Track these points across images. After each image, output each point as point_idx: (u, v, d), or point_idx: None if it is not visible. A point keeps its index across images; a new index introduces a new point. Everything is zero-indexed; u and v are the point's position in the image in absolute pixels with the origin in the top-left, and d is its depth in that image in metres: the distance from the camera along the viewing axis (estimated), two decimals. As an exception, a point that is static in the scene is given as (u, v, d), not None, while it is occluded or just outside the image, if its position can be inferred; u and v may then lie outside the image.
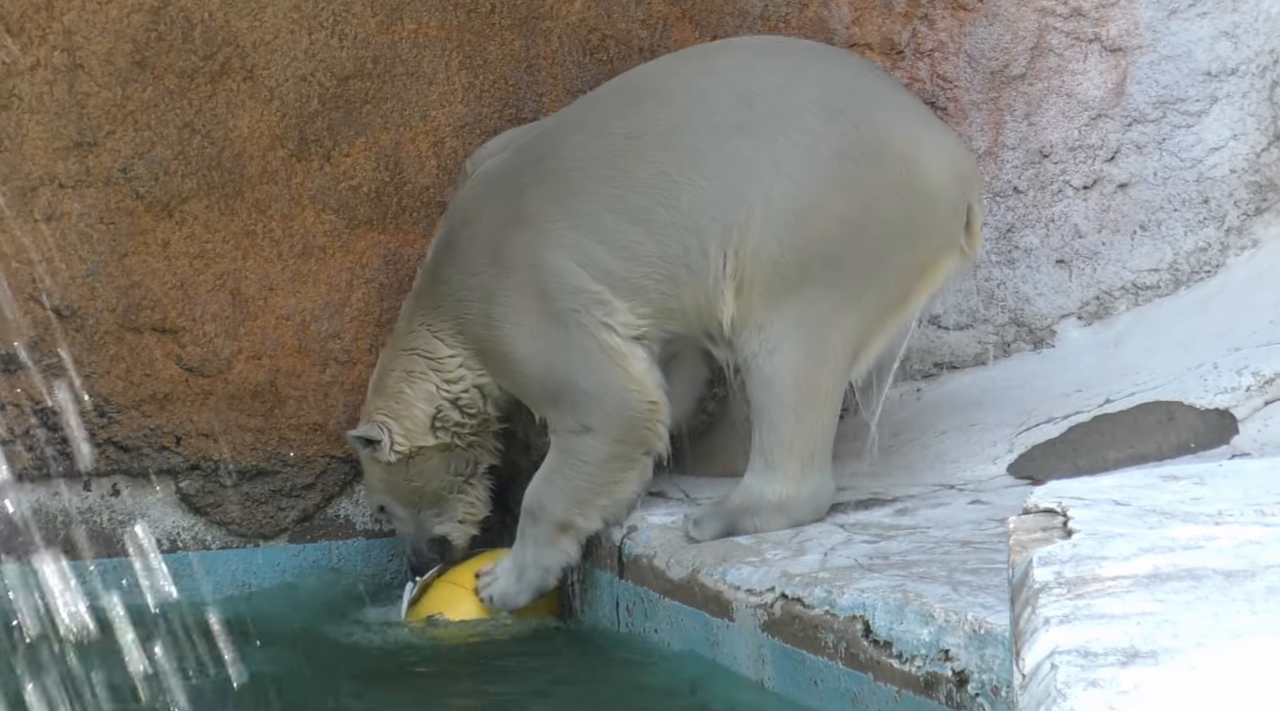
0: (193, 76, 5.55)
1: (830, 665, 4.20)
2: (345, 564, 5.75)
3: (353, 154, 5.70)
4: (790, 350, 4.94)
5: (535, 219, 5.11)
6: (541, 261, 5.09)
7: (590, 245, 5.06)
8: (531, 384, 5.17)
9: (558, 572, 5.24)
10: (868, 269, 4.97)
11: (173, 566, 5.58)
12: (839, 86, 5.04)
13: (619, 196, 5.05)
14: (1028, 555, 2.68)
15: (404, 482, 5.35)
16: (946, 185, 5.03)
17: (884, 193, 4.97)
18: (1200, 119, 5.97)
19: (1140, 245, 6.00)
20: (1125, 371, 5.69)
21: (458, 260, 5.21)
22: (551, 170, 5.14)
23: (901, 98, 5.21)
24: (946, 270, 5.09)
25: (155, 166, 5.53)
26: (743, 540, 4.91)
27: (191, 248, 5.59)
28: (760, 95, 5.01)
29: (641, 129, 5.08)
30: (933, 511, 5.05)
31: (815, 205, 4.93)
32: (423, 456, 5.32)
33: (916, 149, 5.01)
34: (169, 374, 5.60)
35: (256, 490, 5.69)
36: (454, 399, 5.29)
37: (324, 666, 5.15)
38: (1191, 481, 3.10)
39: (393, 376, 5.32)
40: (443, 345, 5.27)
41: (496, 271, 5.14)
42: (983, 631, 3.76)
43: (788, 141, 4.96)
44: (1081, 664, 2.21)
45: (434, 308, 5.27)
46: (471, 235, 5.20)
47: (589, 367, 5.07)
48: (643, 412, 5.11)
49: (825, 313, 4.94)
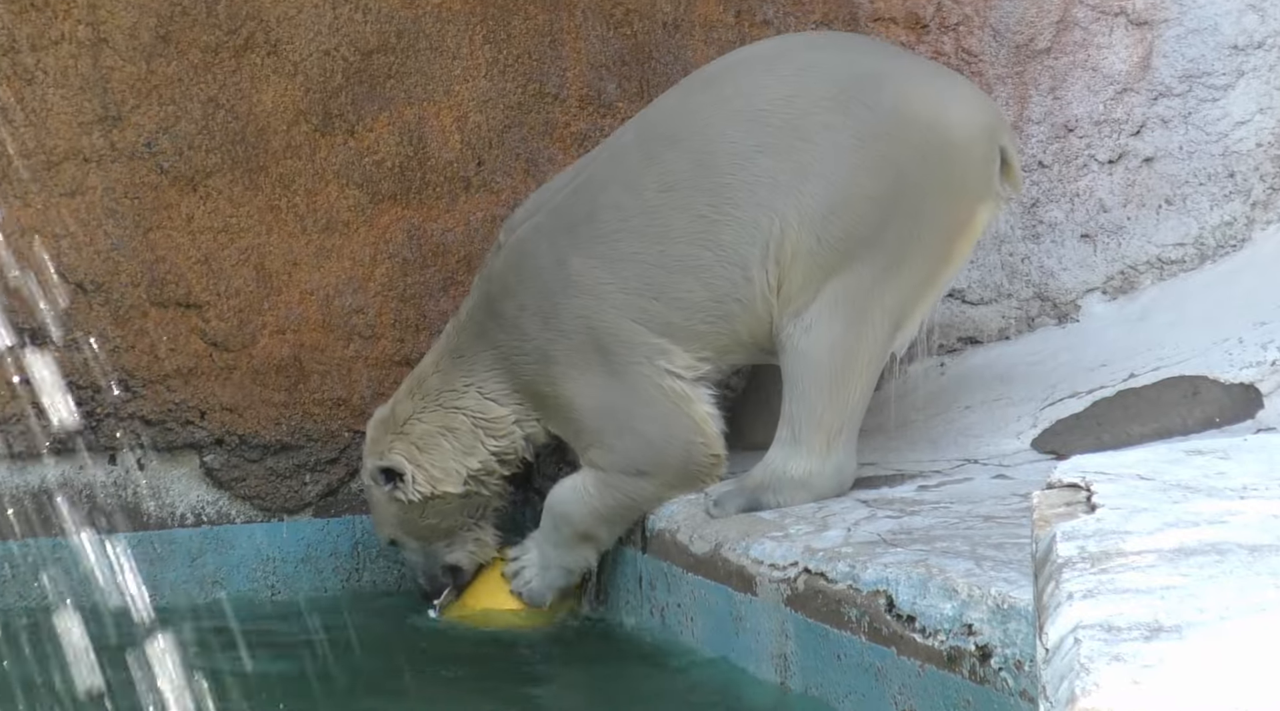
0: (217, 51, 5.55)
1: (853, 639, 4.20)
2: (368, 538, 5.75)
3: (376, 129, 5.69)
4: (828, 325, 4.93)
5: (586, 286, 5.10)
6: (597, 326, 5.09)
7: (644, 302, 5.06)
8: (591, 434, 5.15)
9: (578, 575, 5.27)
10: (906, 238, 4.95)
11: (197, 540, 5.60)
12: (847, 75, 5.02)
13: (664, 251, 5.05)
14: (1051, 530, 2.66)
15: (418, 520, 5.33)
16: (974, 136, 5.01)
17: (913, 163, 4.95)
18: (1226, 93, 5.93)
19: (1165, 219, 5.97)
20: (1150, 346, 5.68)
21: (508, 328, 5.19)
22: (591, 235, 5.12)
23: (910, 64, 5.21)
24: (986, 219, 5.08)
25: (179, 141, 5.54)
26: (766, 515, 4.90)
27: (216, 222, 5.59)
28: (772, 111, 4.99)
29: (670, 180, 5.06)
30: (956, 486, 5.04)
31: (847, 195, 4.92)
32: (442, 499, 5.31)
33: (936, 110, 4.98)
34: (193, 348, 5.60)
35: (280, 464, 5.69)
36: (498, 454, 5.29)
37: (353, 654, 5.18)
38: (1216, 456, 3.09)
39: (423, 427, 5.26)
40: (495, 405, 5.24)
41: (552, 336, 5.13)
42: (1006, 606, 3.76)
43: (809, 144, 4.95)
44: (1105, 638, 2.19)
45: (484, 370, 5.23)
46: (519, 306, 5.16)
47: (655, 416, 5.08)
48: (706, 466, 5.14)
49: (866, 286, 4.93)
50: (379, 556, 5.77)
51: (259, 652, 5.04)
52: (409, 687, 4.94)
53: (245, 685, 4.73)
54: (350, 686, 4.94)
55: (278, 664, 4.99)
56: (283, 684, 4.85)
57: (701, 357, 5.08)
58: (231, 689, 4.66)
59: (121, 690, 4.48)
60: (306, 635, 5.24)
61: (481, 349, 5.23)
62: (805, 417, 4.97)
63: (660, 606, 5.13)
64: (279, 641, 5.20)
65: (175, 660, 4.46)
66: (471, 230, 5.74)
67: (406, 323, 5.70)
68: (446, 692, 4.95)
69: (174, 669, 4.44)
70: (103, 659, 4.60)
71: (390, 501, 5.31)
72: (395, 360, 5.65)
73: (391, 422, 5.30)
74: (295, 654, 5.06)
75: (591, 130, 5.79)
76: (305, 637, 5.21)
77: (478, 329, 5.25)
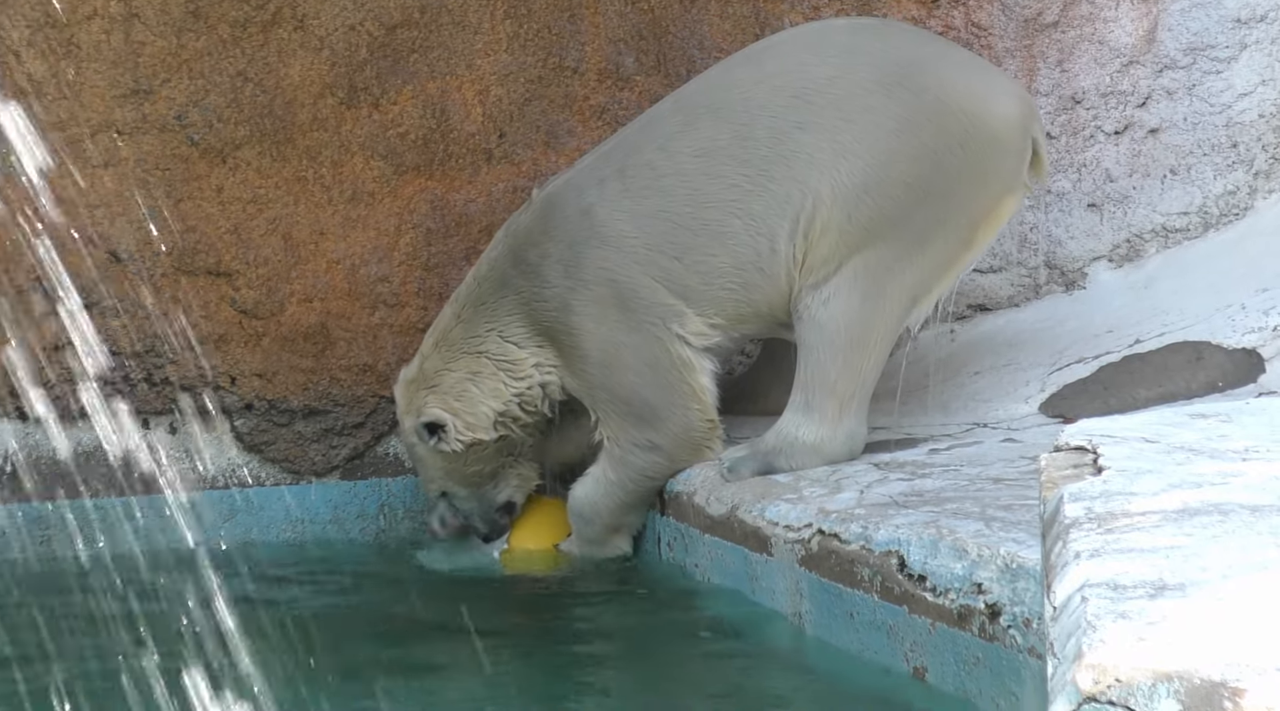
0: (245, 26, 5.56)
1: (866, 598, 4.21)
2: (394, 500, 5.79)
3: (400, 102, 5.71)
4: (847, 297, 4.95)
5: (610, 238, 5.14)
6: (619, 278, 5.13)
7: (666, 261, 5.10)
8: (601, 392, 5.21)
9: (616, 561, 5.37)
10: (933, 222, 4.98)
11: (228, 502, 5.64)
12: (891, 60, 5.03)
13: (693, 214, 5.08)
14: (1059, 491, 2.69)
15: (463, 469, 5.40)
16: (1010, 130, 5.03)
17: (949, 151, 4.97)
18: (1229, 65, 5.94)
19: (1170, 189, 5.99)
20: (1155, 312, 5.68)
21: (530, 275, 5.24)
22: (621, 190, 5.15)
23: (952, 53, 5.21)
24: (1011, 209, 5.12)
25: (209, 114, 5.56)
26: (781, 478, 4.92)
27: (244, 193, 5.61)
28: (817, 90, 5.01)
29: (707, 146, 5.09)
30: (966, 449, 5.05)
31: (883, 177, 4.94)
32: (481, 446, 5.36)
33: (977, 102, 5.01)
34: (223, 316, 5.63)
35: (308, 429, 5.72)
36: (520, 396, 5.33)
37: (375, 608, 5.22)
38: (1219, 419, 3.11)
39: (452, 376, 5.33)
40: (515, 348, 5.30)
41: (573, 285, 5.17)
42: (1015, 565, 3.76)
43: (850, 124, 4.96)
44: (1111, 596, 2.22)
45: (505, 315, 5.28)
46: (541, 253, 5.21)
47: (659, 383, 5.13)
48: (703, 431, 5.20)
49: (887, 263, 4.95)
50: (404, 517, 5.82)
51: (302, 594, 5.08)
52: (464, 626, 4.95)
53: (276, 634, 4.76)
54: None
55: (304, 616, 5.01)
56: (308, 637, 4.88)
57: (713, 325, 5.12)
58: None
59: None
60: (331, 595, 5.27)
61: (503, 295, 5.28)
62: (819, 385, 5.01)
63: (678, 566, 5.17)
64: (308, 601, 5.24)
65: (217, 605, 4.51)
66: (493, 201, 5.77)
67: (430, 291, 5.73)
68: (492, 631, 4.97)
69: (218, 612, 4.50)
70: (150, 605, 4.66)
71: (435, 454, 5.38)
72: (419, 327, 5.67)
73: (421, 380, 5.35)
74: (321, 611, 5.09)
75: (610, 103, 5.81)
76: (331, 600, 5.25)
77: (500, 277, 5.29)
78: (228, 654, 4.24)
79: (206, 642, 4.34)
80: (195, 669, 4.09)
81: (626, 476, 5.22)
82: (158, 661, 4.30)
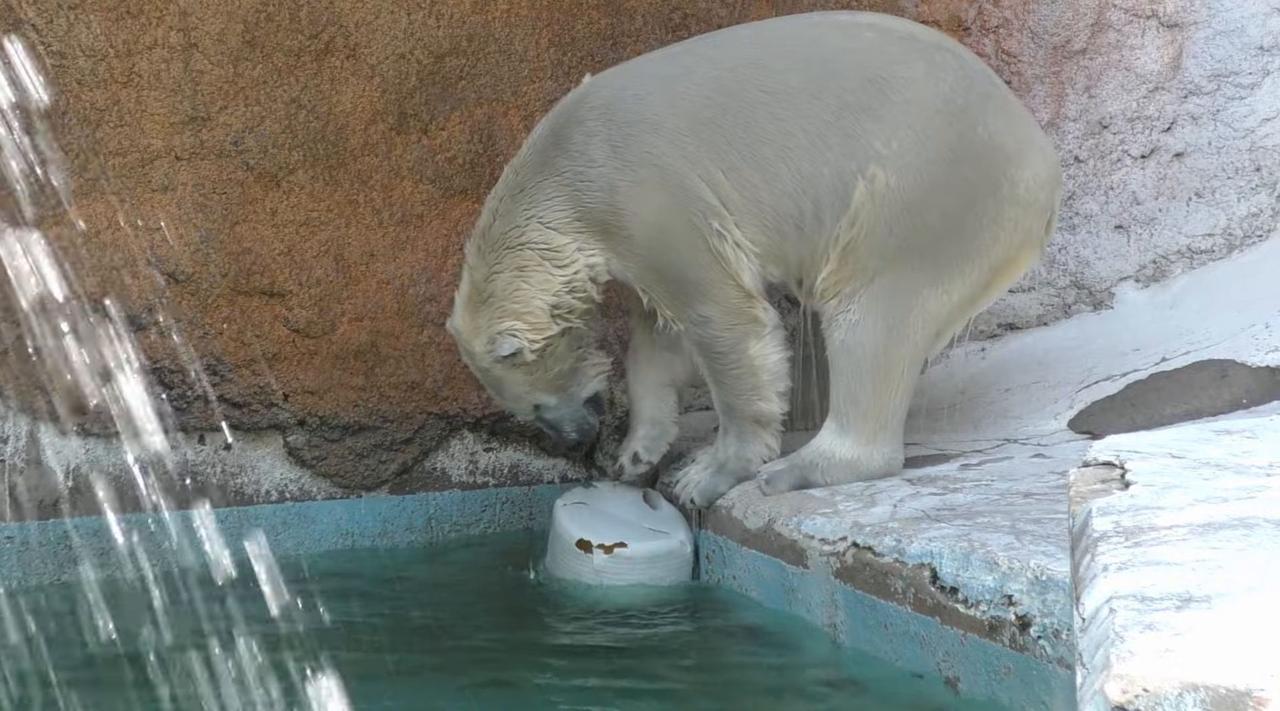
0: (299, 55, 5.58)
1: (899, 610, 4.21)
2: (440, 514, 5.79)
3: (449, 127, 5.72)
4: (873, 324, 4.92)
5: (663, 128, 5.03)
6: (666, 165, 5.02)
7: (712, 169, 5.00)
8: (650, 274, 5.10)
9: (759, 463, 5.19)
10: (959, 260, 4.94)
11: (280, 516, 5.64)
12: (965, 86, 4.98)
13: (746, 141, 5.00)
14: (1087, 506, 2.68)
15: (544, 374, 5.27)
16: (1041, 192, 5.00)
17: (987, 196, 4.93)
18: (1253, 91, 5.92)
19: (1195, 211, 5.96)
20: (1180, 331, 5.67)
21: (574, 154, 5.09)
22: (680, 91, 5.06)
23: (1012, 103, 5.13)
24: (1028, 264, 5.07)
25: (264, 139, 5.57)
26: (816, 492, 4.92)
27: (298, 216, 5.62)
28: (894, 86, 4.95)
29: (776, 87, 5.01)
30: (997, 465, 5.04)
31: (927, 200, 4.90)
32: (552, 345, 5.25)
33: (1021, 157, 4.97)
34: (277, 335, 5.64)
35: (358, 444, 5.72)
36: (569, 283, 5.17)
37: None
38: (1243, 435, 3.10)
39: (501, 280, 5.18)
40: (557, 234, 5.14)
41: (619, 165, 5.05)
42: (1044, 578, 3.75)
43: (913, 133, 4.92)
44: (1139, 608, 2.20)
45: (545, 199, 5.13)
46: (587, 133, 5.08)
47: (697, 263, 5.03)
48: (738, 300, 5.06)
49: (914, 288, 4.92)
50: (450, 531, 5.81)
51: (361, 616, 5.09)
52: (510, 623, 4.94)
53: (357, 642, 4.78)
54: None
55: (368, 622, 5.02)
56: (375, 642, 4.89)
57: (753, 241, 5.03)
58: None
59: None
60: (396, 603, 5.28)
61: (544, 178, 5.13)
62: (852, 409, 4.98)
63: (716, 578, 5.16)
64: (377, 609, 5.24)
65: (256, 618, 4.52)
66: (538, 223, 5.76)
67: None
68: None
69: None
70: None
71: (515, 370, 5.25)
72: (466, 346, 5.65)
73: (475, 296, 5.21)
74: (380, 618, 5.10)
75: (651, 128, 5.79)
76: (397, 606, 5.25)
77: (540, 159, 5.15)
78: (312, 660, 4.25)
79: (285, 651, 4.36)
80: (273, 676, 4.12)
81: (711, 360, 5.13)
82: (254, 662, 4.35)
